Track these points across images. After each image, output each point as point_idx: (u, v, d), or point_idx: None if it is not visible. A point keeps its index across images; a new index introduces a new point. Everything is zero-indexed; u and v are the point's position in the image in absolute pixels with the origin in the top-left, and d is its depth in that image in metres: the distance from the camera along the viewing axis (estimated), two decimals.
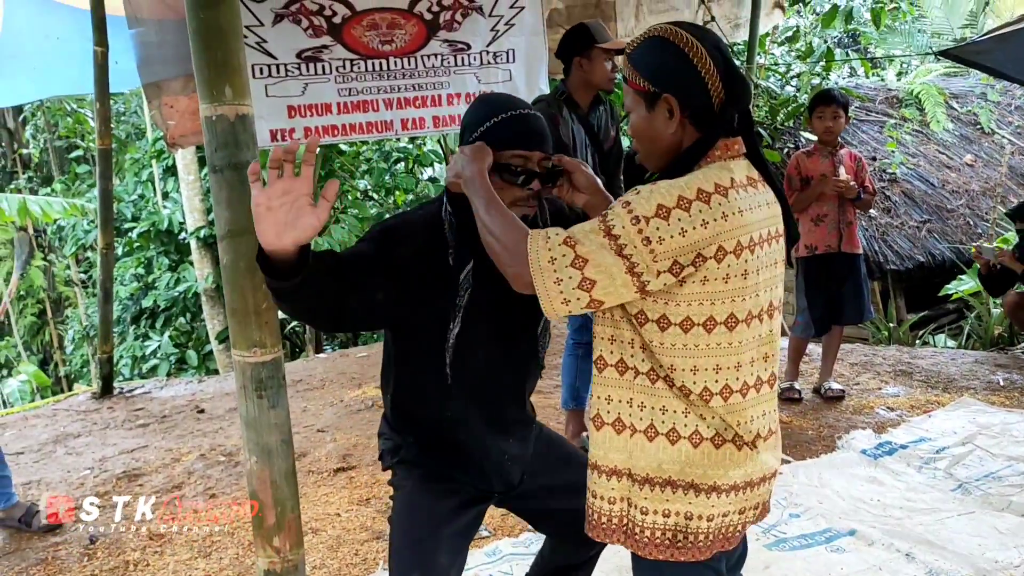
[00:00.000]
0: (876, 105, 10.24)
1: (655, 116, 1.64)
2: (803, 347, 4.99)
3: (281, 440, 1.98)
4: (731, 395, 1.60)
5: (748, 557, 3.10)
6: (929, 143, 10.00)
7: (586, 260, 1.52)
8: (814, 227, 4.66)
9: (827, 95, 4.71)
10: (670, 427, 1.62)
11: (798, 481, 3.80)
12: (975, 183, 9.61)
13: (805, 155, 4.75)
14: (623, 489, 1.67)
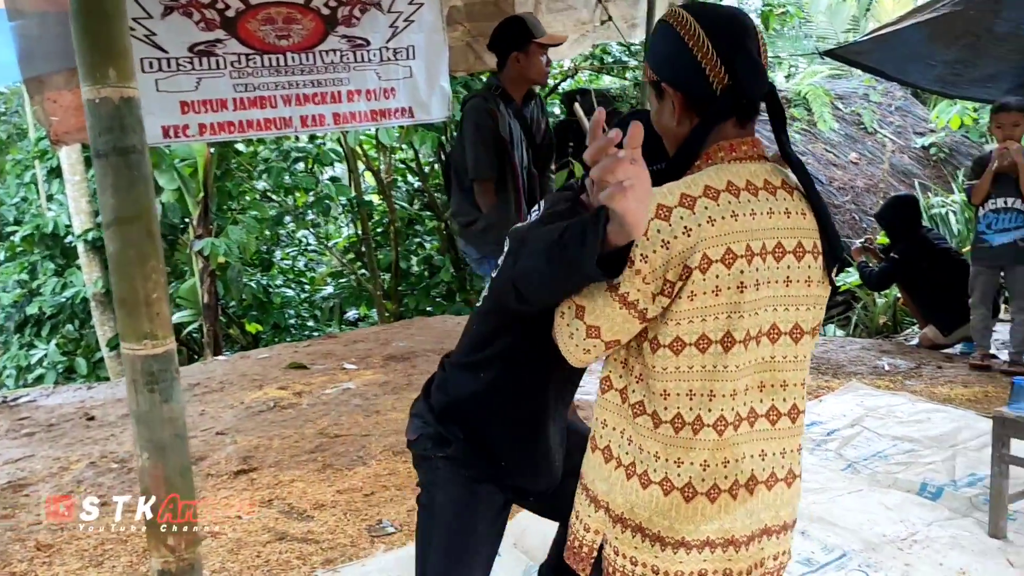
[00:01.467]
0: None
1: (663, 107, 1.52)
2: None
3: (175, 435, 1.92)
4: (725, 428, 1.44)
5: None
6: (817, 142, 10.38)
7: (583, 307, 1.42)
8: None
9: None
10: (644, 468, 1.48)
11: None
12: (860, 180, 10.02)
13: None
14: (600, 522, 1.56)
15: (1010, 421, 3.14)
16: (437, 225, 10.85)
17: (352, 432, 4.37)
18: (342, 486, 3.72)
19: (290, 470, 3.91)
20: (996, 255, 5.20)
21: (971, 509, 3.41)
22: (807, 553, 3.12)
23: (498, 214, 3.74)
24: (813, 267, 1.45)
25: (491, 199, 3.76)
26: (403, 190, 11.54)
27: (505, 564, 2.96)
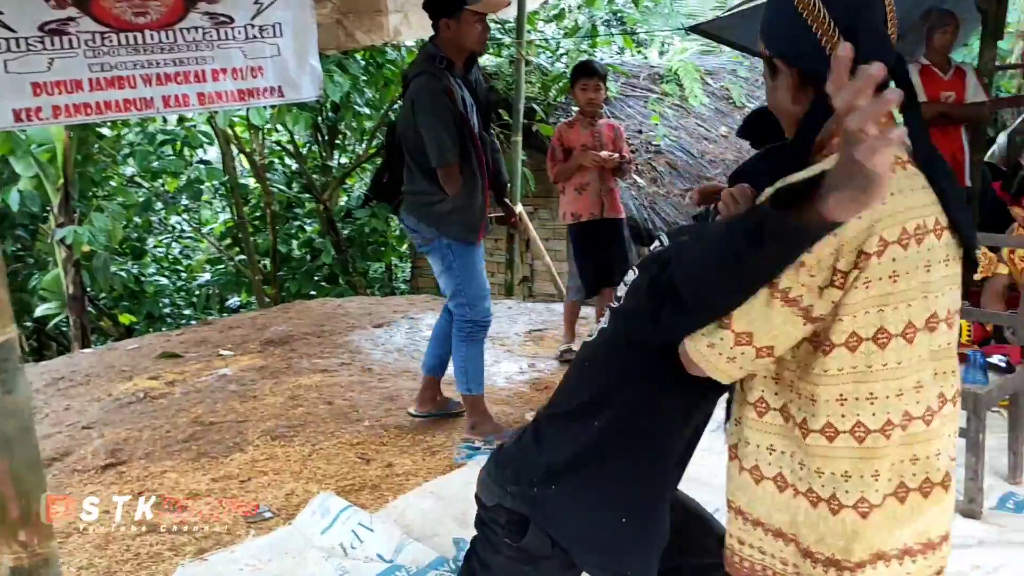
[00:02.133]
0: (640, 81, 10.78)
1: (778, 84, 1.41)
2: (577, 310, 5.21)
3: (21, 427, 1.84)
4: (910, 422, 1.31)
5: None
6: (689, 116, 10.65)
7: (730, 316, 1.28)
8: (578, 196, 4.85)
9: (588, 67, 4.91)
10: (831, 492, 1.33)
11: None
12: (730, 153, 10.34)
13: (567, 126, 4.94)
14: (792, 555, 1.40)
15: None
16: (316, 207, 10.67)
17: (228, 419, 4.27)
18: (217, 474, 3.64)
19: (162, 461, 3.80)
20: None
21: None
22: None
23: (466, 195, 3.63)
24: (950, 244, 1.33)
25: (457, 183, 3.59)
26: (280, 172, 11.28)
27: (379, 537, 2.98)
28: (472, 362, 3.82)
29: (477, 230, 3.69)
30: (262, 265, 10.64)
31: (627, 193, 8.97)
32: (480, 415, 3.89)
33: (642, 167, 9.45)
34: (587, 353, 1.70)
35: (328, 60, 7.96)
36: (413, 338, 5.72)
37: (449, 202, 3.61)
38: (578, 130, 4.86)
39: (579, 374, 1.71)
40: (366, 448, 3.89)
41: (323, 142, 10.80)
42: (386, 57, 8.84)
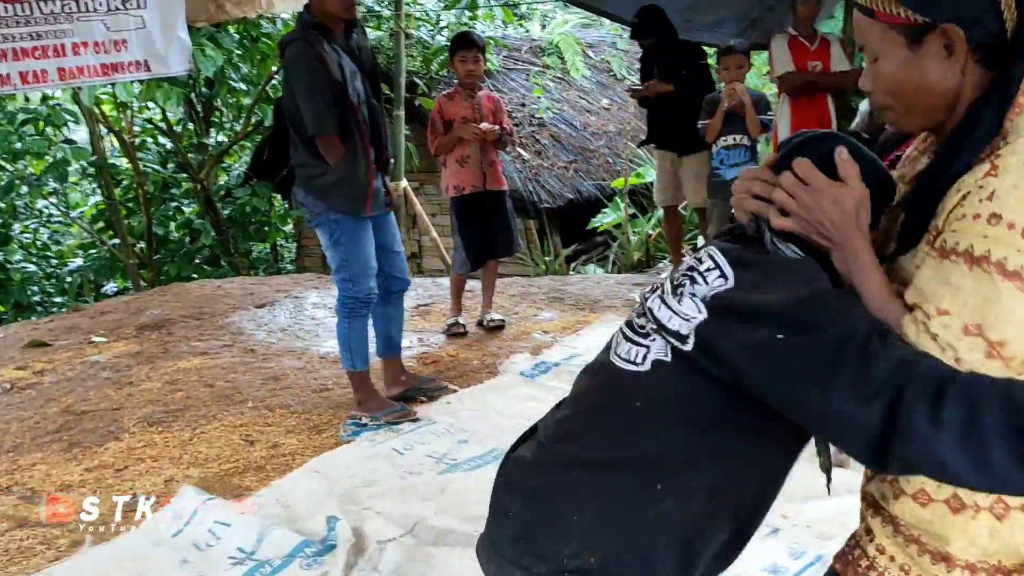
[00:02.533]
0: (522, 54, 10.82)
1: (923, 58, 1.17)
2: (463, 283, 5.21)
3: None
4: None
5: (424, 485, 3.24)
6: (571, 89, 10.76)
7: (978, 324, 1.06)
8: (459, 168, 4.84)
9: (467, 38, 4.89)
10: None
11: (464, 408, 3.98)
12: (612, 125, 10.51)
13: (447, 98, 4.91)
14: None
15: None
16: (194, 187, 10.31)
17: (101, 407, 4.11)
18: (91, 464, 3.50)
19: (31, 453, 3.63)
20: (728, 188, 5.59)
21: None
22: None
23: (347, 166, 3.54)
24: None
25: (338, 153, 3.50)
26: (154, 152, 10.84)
27: (237, 531, 2.91)
28: (355, 339, 3.77)
29: (362, 201, 3.60)
30: (138, 249, 10.23)
31: (511, 166, 9.00)
32: (366, 392, 3.85)
33: (526, 140, 9.50)
34: (636, 391, 1.31)
35: (199, 33, 7.67)
36: (297, 317, 5.62)
37: (332, 174, 3.53)
38: (458, 102, 4.84)
39: (627, 418, 1.31)
40: (250, 430, 3.81)
41: (198, 119, 10.43)
42: (261, 30, 8.60)
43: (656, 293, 1.35)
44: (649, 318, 1.32)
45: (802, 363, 1.12)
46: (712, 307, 1.24)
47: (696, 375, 1.25)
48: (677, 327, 1.26)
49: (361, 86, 3.59)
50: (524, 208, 8.95)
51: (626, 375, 1.32)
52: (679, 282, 1.31)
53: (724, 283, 1.25)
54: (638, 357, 1.32)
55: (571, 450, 1.34)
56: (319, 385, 4.35)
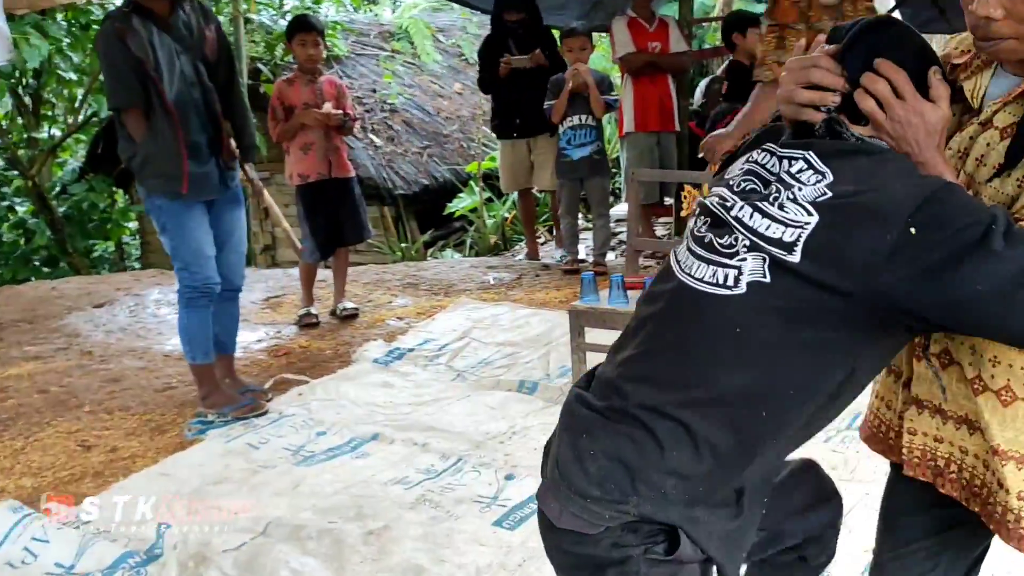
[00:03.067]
0: (371, 39, 10.66)
1: None
2: (313, 272, 5.11)
3: None
4: None
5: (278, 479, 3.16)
6: (422, 74, 10.68)
7: None
8: (303, 156, 4.74)
9: (304, 21, 4.78)
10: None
11: (317, 399, 3.90)
12: (465, 109, 10.51)
13: (286, 83, 4.79)
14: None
15: (582, 312, 3.49)
16: (25, 184, 9.70)
17: None
18: None
19: None
20: (576, 168, 5.70)
21: (561, 396, 3.76)
22: (427, 464, 3.25)
23: (154, 144, 3.39)
24: None
25: (140, 128, 3.38)
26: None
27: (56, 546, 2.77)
28: (194, 330, 3.64)
29: (177, 182, 3.44)
30: None
31: (364, 153, 8.89)
32: (209, 387, 3.72)
33: (378, 126, 9.38)
34: (732, 317, 1.21)
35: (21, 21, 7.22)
36: (139, 316, 5.38)
37: (140, 153, 3.44)
38: (298, 88, 4.72)
39: (722, 348, 1.22)
40: (87, 435, 3.62)
41: (27, 112, 9.82)
42: (91, 17, 8.15)
43: (734, 203, 1.26)
44: (738, 231, 1.22)
45: (948, 256, 1.09)
46: (825, 208, 1.15)
47: (805, 290, 1.16)
48: (780, 235, 1.17)
49: (188, 67, 3.47)
50: (379, 195, 8.85)
51: (715, 300, 1.22)
52: (767, 191, 1.23)
53: (822, 179, 1.18)
54: (728, 280, 1.21)
55: (652, 392, 1.25)
56: (162, 384, 4.18)
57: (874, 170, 1.18)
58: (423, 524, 2.80)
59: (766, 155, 1.28)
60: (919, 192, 1.12)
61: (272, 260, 9.31)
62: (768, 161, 1.27)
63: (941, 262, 1.09)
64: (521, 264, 6.38)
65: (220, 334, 3.80)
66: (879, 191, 1.14)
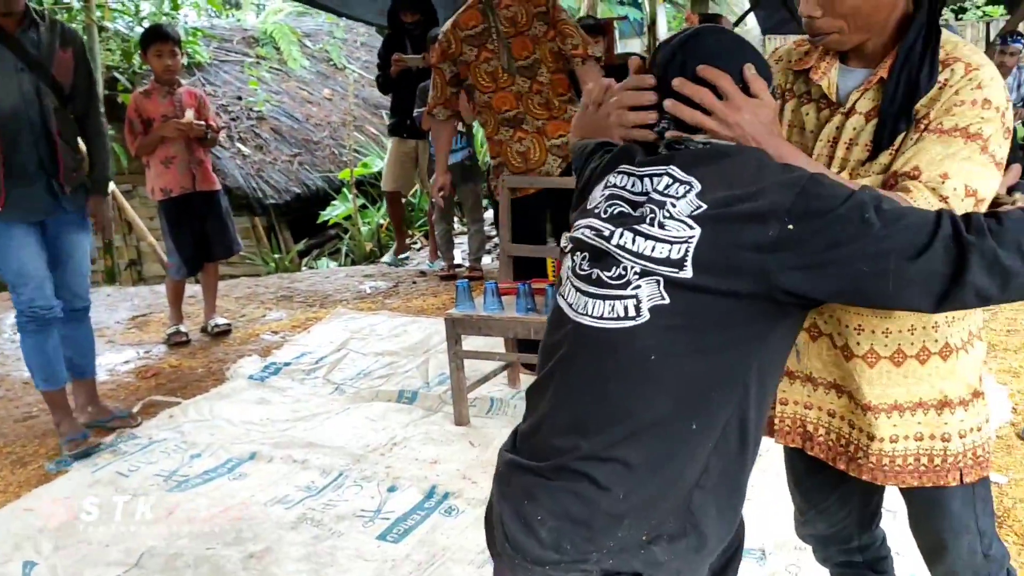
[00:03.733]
0: (235, 45, 10.40)
1: None
2: (181, 289, 4.96)
3: None
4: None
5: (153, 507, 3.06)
6: (289, 80, 10.49)
7: (975, 190, 1.32)
8: (165, 170, 4.59)
9: (159, 31, 4.64)
10: (964, 338, 1.50)
11: (189, 420, 3.80)
12: (334, 115, 10.37)
13: (143, 96, 4.63)
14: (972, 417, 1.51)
15: (457, 320, 3.51)
16: None
17: None
18: None
19: None
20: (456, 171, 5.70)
21: (441, 404, 3.78)
22: (307, 481, 3.20)
23: None
24: None
25: None
26: None
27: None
28: (30, 355, 3.50)
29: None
30: None
31: (231, 162, 8.68)
32: (60, 413, 3.56)
33: (245, 135, 9.17)
34: (643, 345, 1.21)
35: None
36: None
37: None
38: (156, 99, 4.57)
39: (642, 378, 1.22)
40: None
41: None
42: None
43: (611, 232, 1.26)
44: (624, 259, 1.23)
45: (829, 244, 1.14)
46: (705, 219, 1.18)
47: (705, 300, 1.19)
48: (667, 253, 1.19)
49: (30, 85, 3.32)
50: (249, 205, 8.65)
51: (622, 334, 1.22)
52: (639, 212, 1.24)
53: (690, 189, 1.21)
54: (629, 311, 1.21)
55: (582, 440, 1.22)
56: (22, 414, 3.99)
57: (738, 170, 1.22)
58: (305, 544, 2.77)
59: (625, 177, 1.30)
60: (790, 188, 1.17)
61: (138, 275, 8.96)
62: (629, 183, 1.29)
63: (824, 251, 1.14)
64: (398, 272, 6.35)
65: (74, 357, 3.65)
66: (751, 192, 1.18)
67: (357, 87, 10.74)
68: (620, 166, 1.33)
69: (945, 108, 1.33)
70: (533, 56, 3.90)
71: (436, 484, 3.08)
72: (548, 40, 3.89)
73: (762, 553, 2.57)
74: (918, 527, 1.65)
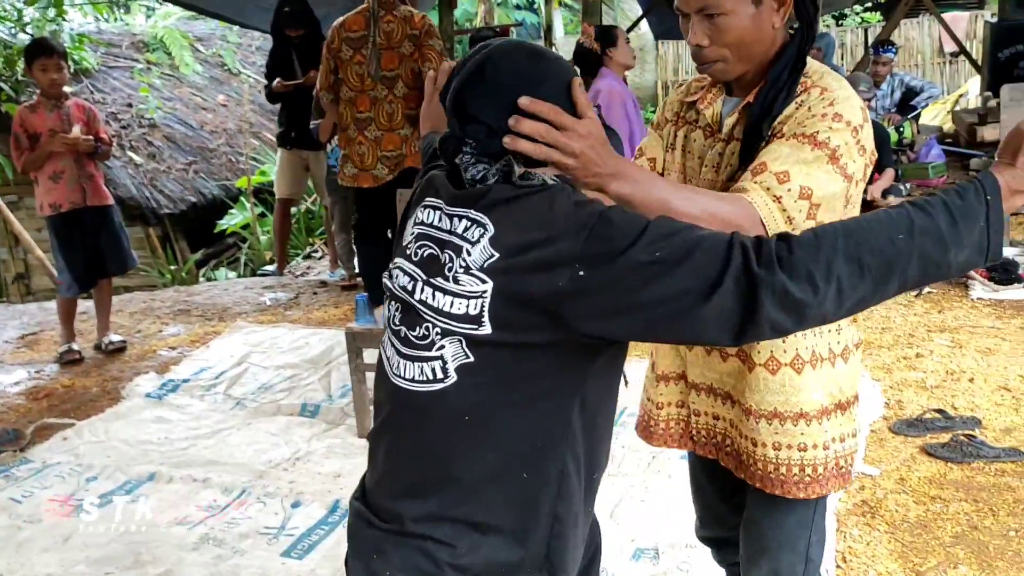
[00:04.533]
0: (123, 50, 10.12)
1: (761, 11, 1.43)
2: (73, 306, 4.85)
3: None
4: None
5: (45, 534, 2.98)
6: (182, 86, 10.26)
7: (811, 190, 1.37)
8: (54, 185, 4.50)
9: (44, 45, 4.54)
10: (845, 345, 1.56)
11: (85, 442, 3.74)
12: (230, 122, 10.19)
13: (29, 110, 4.53)
14: (834, 427, 1.56)
15: (358, 333, 3.55)
16: None
17: None
18: None
19: None
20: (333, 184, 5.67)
21: (344, 417, 3.81)
22: (209, 500, 3.19)
23: None
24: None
25: None
26: None
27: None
28: None
29: None
30: None
31: (123, 171, 8.47)
32: None
33: (137, 143, 8.95)
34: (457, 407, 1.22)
35: None
36: None
37: None
38: (43, 114, 4.46)
39: (462, 437, 1.23)
40: None
41: None
42: None
43: (416, 283, 1.24)
44: (427, 317, 1.21)
45: (622, 288, 1.11)
46: (496, 272, 1.15)
47: (508, 354, 1.18)
48: (465, 309, 1.17)
49: None
50: (143, 215, 8.45)
51: (434, 397, 1.22)
52: (443, 259, 1.21)
53: (485, 232, 1.17)
54: (437, 373, 1.21)
55: (419, 503, 1.24)
56: None
57: (531, 213, 1.17)
58: (207, 565, 2.77)
59: (432, 213, 1.26)
60: (579, 232, 1.13)
61: (27, 289, 8.65)
62: (436, 218, 1.25)
63: (616, 296, 1.12)
64: (298, 283, 6.31)
65: None
66: (542, 239, 1.14)
67: (253, 92, 10.57)
68: (427, 199, 1.30)
69: (798, 121, 1.40)
70: (397, 71, 4.41)
71: (340, 498, 3.11)
72: (412, 60, 4.40)
73: (655, 552, 2.69)
74: (749, 530, 1.68)
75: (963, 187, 1.15)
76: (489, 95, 1.20)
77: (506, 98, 1.19)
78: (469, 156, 1.23)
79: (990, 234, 1.13)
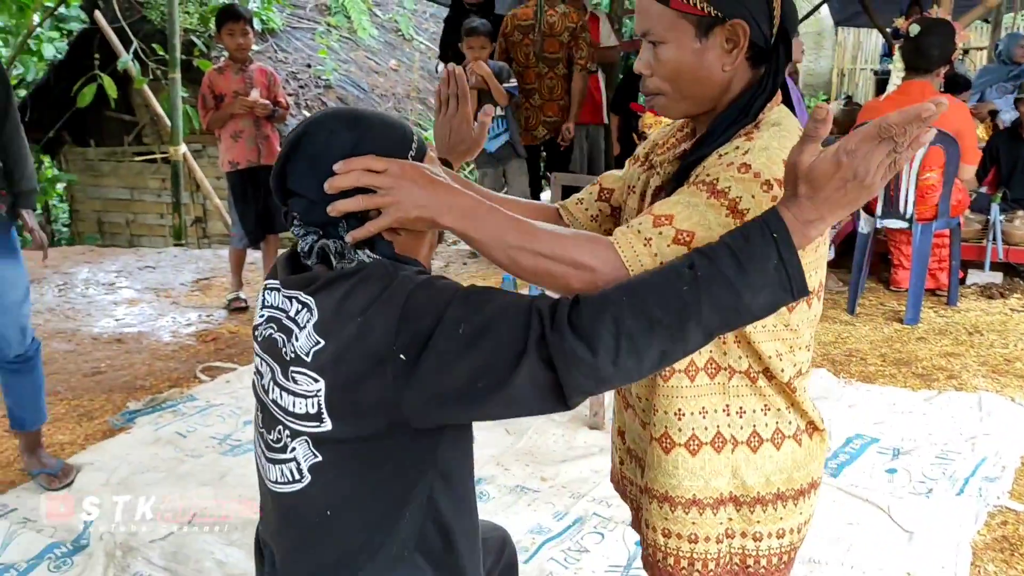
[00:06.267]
0: (307, 12, 10.58)
1: (707, 48, 1.27)
2: (243, 257, 5.18)
3: None
4: (806, 377, 1.39)
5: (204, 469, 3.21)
6: (358, 49, 10.64)
7: (671, 215, 1.20)
8: (234, 143, 4.80)
9: (233, 11, 4.82)
10: (774, 429, 1.36)
11: (244, 386, 3.98)
12: (399, 86, 10.52)
13: (217, 72, 4.83)
14: (736, 520, 1.37)
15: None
16: None
17: None
18: None
19: None
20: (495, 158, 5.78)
21: None
22: None
23: None
24: None
25: None
26: None
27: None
28: None
29: None
30: None
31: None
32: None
33: (312, 103, 9.36)
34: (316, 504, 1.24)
35: None
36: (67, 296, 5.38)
37: None
38: (229, 76, 4.77)
39: (326, 529, 1.25)
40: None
41: None
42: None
43: (269, 382, 1.25)
44: (280, 419, 1.23)
45: (442, 370, 1.10)
46: (325, 369, 1.16)
47: (351, 447, 1.20)
48: (306, 409, 1.19)
49: None
50: None
51: (296, 497, 1.25)
52: (279, 344, 1.22)
53: (311, 316, 1.18)
54: (294, 474, 1.24)
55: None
56: (91, 368, 4.23)
57: (351, 301, 1.15)
58: None
59: (275, 294, 1.26)
60: (390, 316, 1.12)
61: (203, 232, 9.28)
62: (278, 300, 1.25)
63: (438, 381, 1.11)
64: (448, 251, 6.51)
65: (13, 408, 3.12)
66: (358, 329, 1.13)
67: (423, 59, 10.85)
68: (268, 281, 1.30)
69: (706, 169, 1.25)
70: (557, 54, 5.78)
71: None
72: (568, 47, 5.78)
73: None
74: None
75: (748, 229, 1.09)
76: (306, 169, 1.20)
77: (323, 167, 1.18)
78: (298, 228, 1.24)
79: (787, 271, 1.08)
